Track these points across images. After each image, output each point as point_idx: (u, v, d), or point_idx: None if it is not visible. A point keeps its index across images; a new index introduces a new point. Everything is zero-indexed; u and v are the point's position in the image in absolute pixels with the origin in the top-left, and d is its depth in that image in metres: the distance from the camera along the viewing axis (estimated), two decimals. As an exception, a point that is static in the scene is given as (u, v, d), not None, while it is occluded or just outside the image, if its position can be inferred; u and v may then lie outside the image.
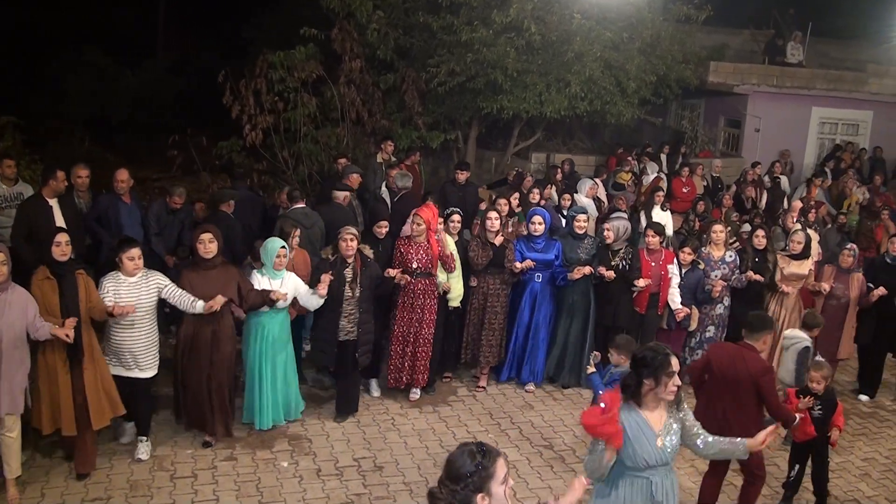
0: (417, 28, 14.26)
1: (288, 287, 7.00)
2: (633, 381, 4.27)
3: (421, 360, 7.93)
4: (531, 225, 8.33)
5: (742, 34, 20.23)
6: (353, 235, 7.19)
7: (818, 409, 6.29)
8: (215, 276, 6.57)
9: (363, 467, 6.73)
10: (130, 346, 6.28)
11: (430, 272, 7.79)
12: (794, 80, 17.38)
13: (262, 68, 12.93)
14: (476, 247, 8.18)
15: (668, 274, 8.42)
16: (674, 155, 15.26)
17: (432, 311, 7.88)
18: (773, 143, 16.74)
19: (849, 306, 8.60)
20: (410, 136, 14.30)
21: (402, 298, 7.84)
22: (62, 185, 8.36)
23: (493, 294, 8.30)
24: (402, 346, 7.92)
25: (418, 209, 7.97)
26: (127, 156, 16.59)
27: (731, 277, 8.60)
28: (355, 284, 7.21)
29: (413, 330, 7.86)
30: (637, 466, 4.25)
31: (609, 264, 8.25)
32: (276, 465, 6.66)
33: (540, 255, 8.26)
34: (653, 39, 14.30)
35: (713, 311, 8.69)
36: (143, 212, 9.11)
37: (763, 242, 8.75)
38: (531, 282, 8.35)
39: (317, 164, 13.67)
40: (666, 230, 10.86)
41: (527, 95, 13.57)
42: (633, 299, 8.45)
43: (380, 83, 14.32)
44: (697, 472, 7.03)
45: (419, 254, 7.74)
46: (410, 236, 7.83)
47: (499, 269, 8.22)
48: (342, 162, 10.96)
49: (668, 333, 8.67)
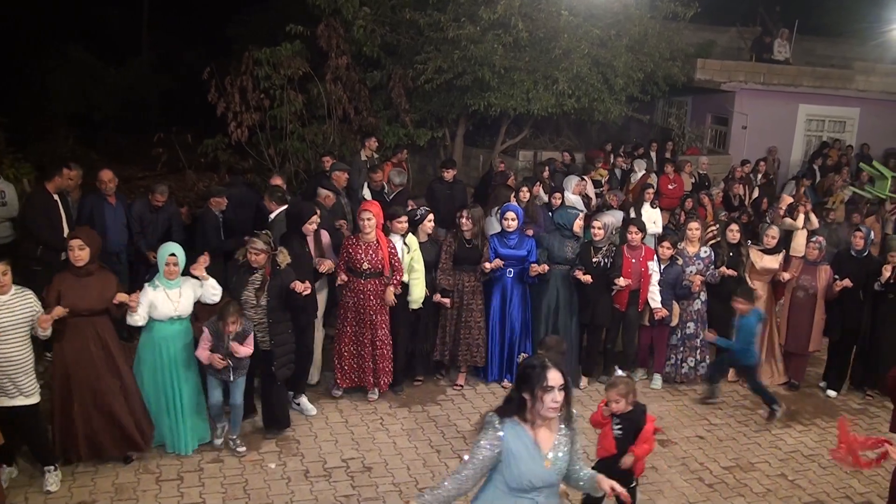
0: (404, 25, 14.19)
1: (185, 296, 6.50)
2: (516, 395, 3.91)
3: (381, 361, 7.74)
4: (504, 221, 8.25)
5: (729, 32, 20.25)
6: (259, 250, 6.66)
7: (617, 428, 5.55)
8: (91, 284, 6.09)
9: (352, 468, 6.66)
10: (9, 370, 5.72)
11: (382, 272, 7.56)
12: (781, 77, 17.41)
13: (248, 65, 12.86)
14: (447, 248, 8.11)
15: (647, 270, 8.41)
16: (661, 152, 15.25)
17: (385, 312, 7.69)
18: (760, 140, 16.76)
19: (816, 298, 8.68)
20: (397, 134, 14.26)
21: (351, 298, 7.61)
22: (67, 183, 8.57)
23: (470, 291, 8.20)
24: (355, 347, 7.71)
25: (366, 204, 7.77)
26: (112, 154, 16.51)
27: (707, 273, 8.59)
28: (261, 292, 6.72)
29: (368, 332, 7.63)
30: (522, 488, 3.87)
31: (591, 261, 8.21)
32: (263, 467, 6.57)
33: (512, 251, 8.19)
34: (640, 36, 14.28)
35: (691, 307, 8.69)
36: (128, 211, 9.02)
37: (737, 237, 8.81)
38: (502, 277, 8.27)
39: (303, 162, 13.62)
40: (655, 227, 10.91)
41: (514, 92, 13.53)
42: (614, 297, 8.43)
43: (366, 80, 14.28)
44: (688, 471, 7.01)
45: (369, 253, 7.50)
46: (359, 235, 7.59)
47: (476, 266, 8.17)
48: (327, 160, 10.87)
49: (650, 330, 8.68)
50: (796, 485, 6.90)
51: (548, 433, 3.92)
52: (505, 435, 3.82)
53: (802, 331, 8.75)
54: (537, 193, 10.83)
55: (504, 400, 3.98)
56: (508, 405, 3.91)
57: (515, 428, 3.86)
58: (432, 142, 15.24)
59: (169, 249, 6.52)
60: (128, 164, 16.09)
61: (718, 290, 8.70)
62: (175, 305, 6.43)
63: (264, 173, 13.37)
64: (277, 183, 9.38)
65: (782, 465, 7.25)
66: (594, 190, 12.50)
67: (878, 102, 17.73)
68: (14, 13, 20.56)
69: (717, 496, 6.67)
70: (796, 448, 7.60)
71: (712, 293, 8.76)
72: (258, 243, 6.68)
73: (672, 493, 6.66)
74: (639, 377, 8.87)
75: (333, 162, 10.53)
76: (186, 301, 6.51)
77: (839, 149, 16.52)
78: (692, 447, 7.48)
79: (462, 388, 8.37)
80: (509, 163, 14.93)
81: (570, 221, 8.38)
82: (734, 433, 7.83)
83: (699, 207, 12.02)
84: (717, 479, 6.95)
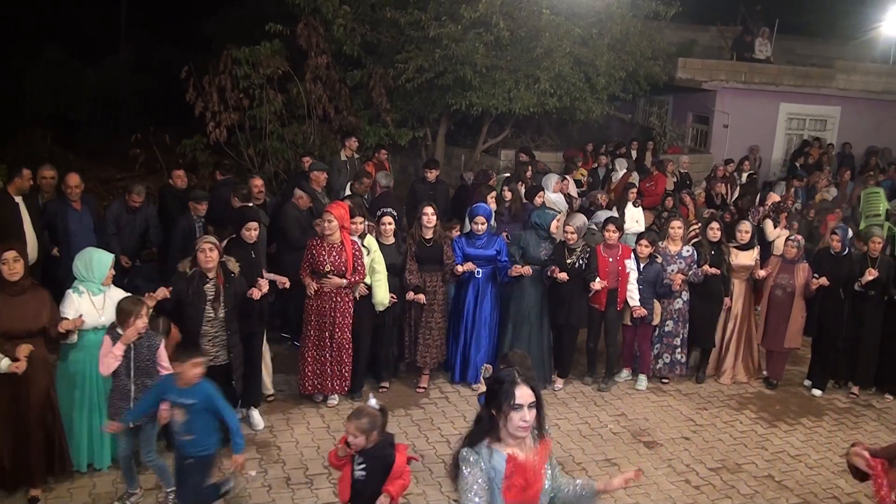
0: (385, 24, 14.06)
1: (110, 304, 5.99)
2: (485, 413, 3.59)
3: (337, 365, 7.54)
4: (473, 225, 8.15)
5: (710, 31, 20.26)
6: (213, 245, 6.28)
7: (360, 468, 4.79)
8: (25, 302, 5.65)
9: (334, 475, 6.47)
10: None
11: (345, 274, 7.38)
12: (762, 76, 17.41)
13: (227, 64, 12.71)
14: (409, 249, 7.98)
15: (625, 269, 8.33)
16: (642, 151, 15.22)
17: (346, 315, 7.51)
18: (742, 138, 16.76)
19: (794, 296, 8.69)
20: (378, 134, 14.14)
21: (314, 301, 7.44)
22: (27, 184, 8.32)
23: (431, 292, 8.07)
24: (317, 352, 7.53)
25: (330, 206, 7.58)
26: (89, 155, 16.35)
27: (689, 272, 8.54)
28: (218, 303, 6.34)
29: (327, 334, 7.46)
30: None
31: (565, 263, 8.11)
32: (243, 474, 6.41)
33: (480, 251, 8.11)
34: (622, 35, 14.23)
35: (671, 306, 8.65)
36: (102, 214, 8.83)
37: (717, 235, 8.78)
38: (473, 278, 8.16)
39: (283, 162, 13.48)
40: (638, 226, 10.87)
41: (496, 92, 13.44)
42: (592, 297, 8.36)
43: (347, 80, 14.16)
44: (675, 472, 6.95)
45: (332, 255, 7.33)
46: (322, 237, 7.40)
47: (436, 266, 8.04)
48: (307, 161, 10.74)
49: (633, 329, 8.62)
50: (784, 486, 6.85)
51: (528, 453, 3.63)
52: (484, 464, 3.50)
53: (780, 329, 8.77)
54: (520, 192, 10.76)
55: (474, 420, 3.68)
56: (478, 426, 3.61)
57: (492, 454, 3.54)
58: (413, 142, 15.12)
59: (109, 257, 6.20)
60: (106, 165, 15.92)
61: (701, 289, 8.68)
62: (100, 313, 6.02)
63: (244, 174, 13.20)
64: (257, 184, 9.22)
65: (769, 465, 7.20)
66: (576, 189, 12.43)
67: (859, 101, 17.80)
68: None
69: (705, 498, 6.61)
70: (783, 448, 7.56)
71: (695, 291, 8.73)
72: (209, 239, 6.35)
73: (658, 496, 6.60)
74: (623, 378, 8.83)
75: (312, 162, 10.39)
76: (111, 310, 5.96)
77: (820, 147, 16.56)
78: (678, 448, 7.43)
79: (427, 390, 8.24)
80: (491, 162, 14.85)
81: (547, 222, 8.28)
82: (720, 434, 7.79)
83: (681, 206, 12.02)
84: (704, 480, 6.89)
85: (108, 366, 5.60)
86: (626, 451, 7.31)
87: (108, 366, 5.60)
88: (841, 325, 8.72)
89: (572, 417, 7.93)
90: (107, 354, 5.59)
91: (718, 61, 17.82)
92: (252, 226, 7.07)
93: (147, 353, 5.77)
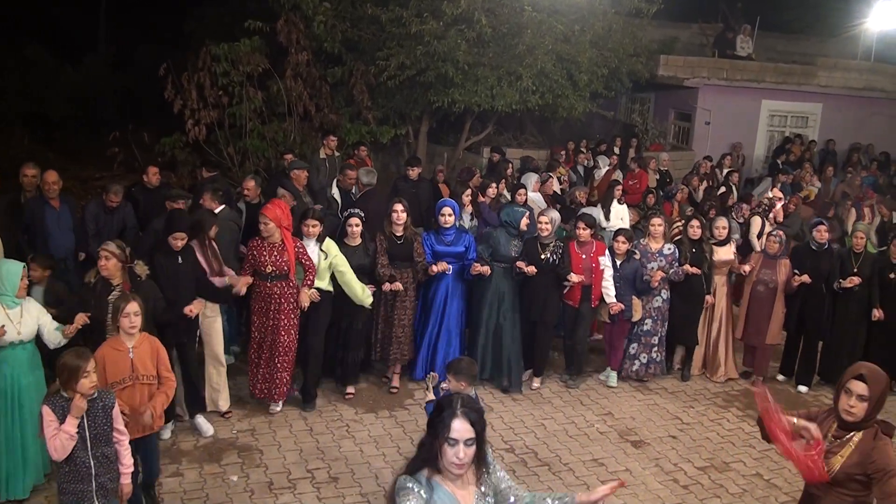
0: (366, 20, 13.95)
1: (28, 317, 5.70)
2: (427, 440, 3.22)
3: (280, 371, 7.23)
4: (440, 217, 8.03)
5: (691, 28, 20.28)
6: (110, 253, 5.85)
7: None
8: None
9: (317, 479, 6.41)
10: None
11: (287, 275, 7.12)
12: (743, 73, 17.42)
13: (206, 61, 12.55)
14: (380, 245, 7.83)
15: (599, 266, 8.25)
16: (625, 149, 15.18)
17: (291, 316, 7.22)
18: (724, 135, 16.79)
19: (776, 292, 8.70)
20: (360, 131, 14.00)
21: (257, 303, 7.19)
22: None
23: (403, 289, 7.91)
24: (262, 354, 7.26)
25: (263, 208, 7.29)
26: (68, 154, 16.18)
27: (670, 270, 8.49)
28: None
29: (269, 337, 7.17)
30: None
31: (538, 258, 8.01)
32: (224, 480, 6.29)
33: (449, 247, 8.01)
34: (604, 32, 14.21)
35: (651, 304, 8.58)
36: (80, 213, 8.64)
37: (698, 233, 8.73)
38: (442, 277, 8.04)
39: (263, 161, 13.31)
40: (622, 223, 10.80)
41: (478, 89, 13.35)
42: (566, 294, 8.28)
43: (327, 77, 14.04)
44: (662, 472, 6.89)
45: (273, 256, 7.06)
46: (263, 237, 7.12)
47: (407, 262, 7.91)
48: (288, 158, 10.59)
49: (611, 327, 8.57)
50: (772, 484, 6.80)
51: (466, 488, 3.24)
52: (426, 494, 3.14)
53: (762, 324, 8.77)
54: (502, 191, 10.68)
55: (417, 445, 3.32)
56: (419, 453, 3.24)
57: (433, 488, 3.16)
58: (395, 139, 15.00)
59: (20, 265, 5.77)
60: (85, 165, 15.73)
61: (682, 288, 8.64)
62: (17, 328, 5.61)
63: (223, 172, 13.05)
64: (250, 185, 9.05)
65: (757, 464, 7.15)
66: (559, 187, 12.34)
67: (840, 98, 17.89)
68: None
69: (693, 498, 6.55)
70: (770, 446, 7.43)
71: (675, 290, 8.69)
72: (110, 245, 5.90)
73: (647, 496, 6.53)
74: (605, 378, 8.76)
75: (292, 160, 10.24)
76: (30, 324, 5.66)
77: (802, 144, 16.60)
78: (665, 447, 7.37)
79: (398, 390, 8.11)
80: (473, 160, 14.75)
81: (517, 219, 8.16)
82: (707, 432, 7.73)
83: (665, 203, 11.97)
84: (692, 479, 6.83)
85: (62, 448, 4.47)
86: (613, 451, 7.24)
87: (61, 448, 4.46)
88: (821, 320, 8.72)
89: (558, 417, 7.85)
90: (55, 434, 4.44)
91: (700, 58, 17.81)
92: (179, 235, 6.60)
93: (103, 417, 4.67)
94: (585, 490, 3.78)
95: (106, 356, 5.17)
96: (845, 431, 4.15)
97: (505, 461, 6.89)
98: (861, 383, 4.03)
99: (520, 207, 8.50)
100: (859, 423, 4.09)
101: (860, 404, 4.04)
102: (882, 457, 4.00)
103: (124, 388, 5.19)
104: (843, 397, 4.11)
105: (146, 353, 5.32)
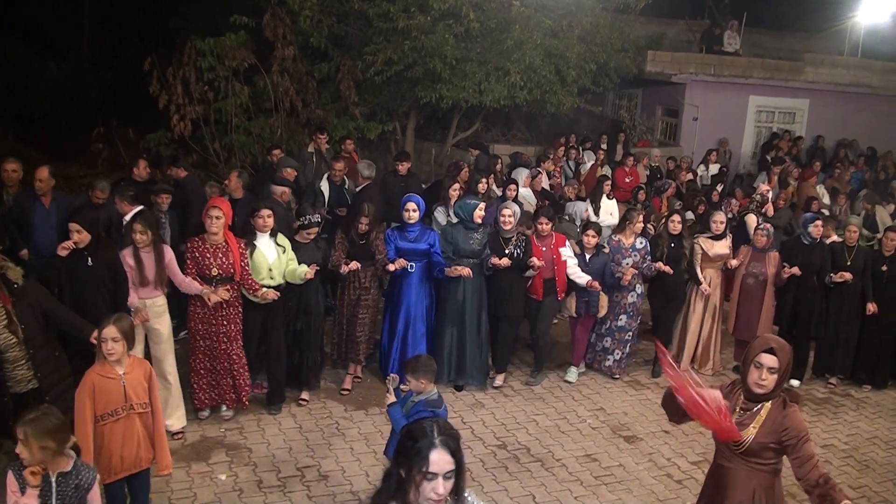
0: (352, 15, 13.86)
1: None
2: (394, 470, 2.90)
3: (229, 377, 6.93)
4: (405, 213, 7.82)
5: (678, 24, 20.29)
6: None
7: None
8: None
9: (307, 477, 6.32)
10: None
11: (233, 277, 6.76)
12: (731, 68, 17.44)
13: (191, 55, 12.42)
14: (339, 246, 7.67)
15: (560, 257, 8.13)
16: (612, 144, 15.14)
17: (237, 322, 6.90)
18: (711, 131, 16.79)
19: (766, 284, 8.70)
20: (347, 127, 13.92)
21: (201, 309, 6.77)
22: None
23: (364, 288, 7.82)
24: (210, 363, 6.89)
25: (215, 199, 7.02)
26: (52, 152, 15.96)
27: (643, 265, 8.44)
28: (15, 325, 5.41)
29: (223, 345, 6.83)
30: None
31: (502, 252, 7.90)
32: (213, 479, 6.18)
33: (411, 244, 7.80)
34: (592, 27, 14.19)
35: (624, 300, 8.51)
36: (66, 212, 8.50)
37: (678, 228, 8.69)
38: (406, 275, 7.86)
39: (250, 157, 13.21)
40: (612, 218, 10.76)
41: (466, 84, 13.29)
42: (529, 287, 8.18)
43: (314, 72, 13.96)
44: (656, 467, 6.84)
45: (218, 257, 6.68)
46: (205, 237, 6.74)
47: (369, 262, 7.76)
48: (276, 154, 10.48)
49: (576, 320, 8.50)
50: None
51: None
52: None
53: (752, 318, 8.76)
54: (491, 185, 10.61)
55: (382, 477, 3.01)
56: (386, 485, 2.92)
57: None
58: (383, 135, 14.91)
59: None
60: (69, 162, 15.53)
61: (659, 285, 8.65)
62: None
63: (209, 168, 12.93)
64: (232, 178, 8.93)
65: (750, 459, 7.10)
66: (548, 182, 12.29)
67: (827, 93, 17.93)
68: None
69: (687, 493, 6.48)
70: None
71: (652, 287, 8.71)
72: None
73: (640, 491, 6.48)
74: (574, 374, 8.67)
75: (281, 157, 10.13)
76: None
77: (789, 140, 16.62)
78: (658, 442, 7.32)
79: (350, 392, 7.93)
80: (461, 156, 14.67)
81: (470, 212, 8.00)
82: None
83: (654, 199, 11.94)
84: (686, 474, 6.78)
85: None
86: (605, 446, 7.18)
87: None
88: (813, 315, 8.70)
89: (550, 413, 7.79)
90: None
91: (687, 54, 17.84)
92: (74, 227, 6.16)
93: (74, 498, 4.09)
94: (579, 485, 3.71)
95: (96, 385, 4.79)
96: (753, 403, 4.21)
97: (497, 458, 6.82)
98: (771, 356, 4.08)
99: (472, 200, 8.23)
100: (768, 394, 4.15)
101: (771, 377, 4.09)
102: (795, 423, 4.10)
103: (118, 419, 4.87)
104: (752, 371, 4.15)
105: (137, 380, 4.94)
